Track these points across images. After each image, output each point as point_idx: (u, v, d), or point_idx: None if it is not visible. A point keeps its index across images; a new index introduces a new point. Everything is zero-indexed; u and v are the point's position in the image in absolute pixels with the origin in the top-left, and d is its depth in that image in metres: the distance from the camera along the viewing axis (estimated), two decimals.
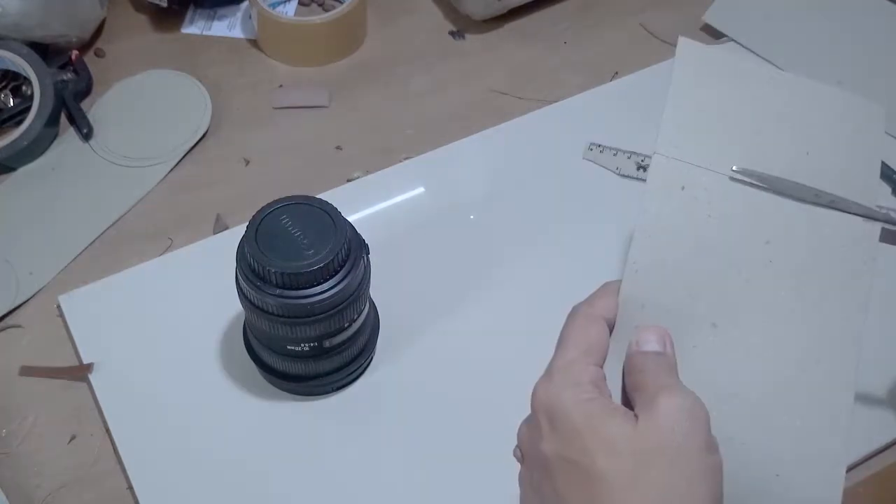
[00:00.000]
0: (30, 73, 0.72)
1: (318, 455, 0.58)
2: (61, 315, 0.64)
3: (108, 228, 0.69)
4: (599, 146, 0.73)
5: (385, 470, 0.58)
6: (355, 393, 0.61)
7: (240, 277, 0.53)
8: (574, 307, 0.47)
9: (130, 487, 0.57)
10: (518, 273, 0.66)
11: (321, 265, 0.51)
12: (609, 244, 0.67)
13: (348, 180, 0.72)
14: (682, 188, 0.48)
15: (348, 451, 0.59)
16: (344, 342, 0.57)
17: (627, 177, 0.72)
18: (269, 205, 0.54)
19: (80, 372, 0.61)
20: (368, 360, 0.61)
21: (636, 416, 0.42)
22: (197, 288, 0.65)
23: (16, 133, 0.71)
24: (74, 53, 0.77)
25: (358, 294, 0.54)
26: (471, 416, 0.60)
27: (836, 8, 0.83)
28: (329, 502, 0.57)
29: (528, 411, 0.55)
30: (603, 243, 0.67)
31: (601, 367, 0.45)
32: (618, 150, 0.73)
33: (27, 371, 0.61)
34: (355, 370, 0.60)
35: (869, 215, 0.48)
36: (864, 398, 0.61)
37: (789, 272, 0.47)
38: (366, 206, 0.69)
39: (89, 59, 0.79)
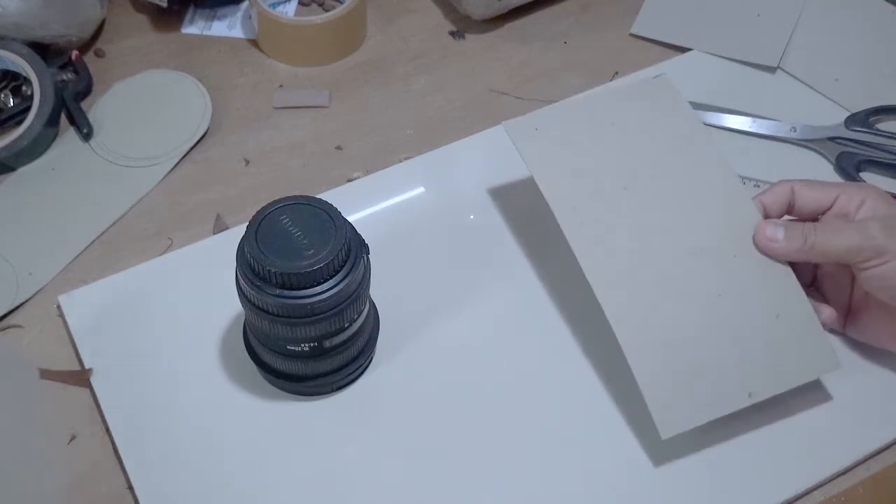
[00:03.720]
0: (30, 73, 0.72)
1: (319, 455, 0.58)
2: (61, 315, 0.64)
3: (108, 228, 0.69)
4: None
5: (385, 470, 0.58)
6: (355, 393, 0.61)
7: (240, 277, 0.53)
8: None
9: (130, 487, 0.57)
10: (518, 273, 0.66)
11: (321, 265, 0.51)
12: None
13: (348, 180, 0.72)
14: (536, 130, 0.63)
15: (348, 451, 0.59)
16: (344, 342, 0.57)
17: None
18: (269, 205, 0.54)
19: (80, 377, 0.61)
20: (368, 360, 0.61)
21: None
22: (197, 288, 0.65)
23: (16, 133, 0.71)
24: (74, 53, 0.77)
25: (358, 294, 0.54)
26: (471, 416, 0.60)
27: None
28: (329, 502, 0.57)
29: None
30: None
31: None
32: None
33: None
34: (355, 370, 0.60)
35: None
36: (863, 398, 0.61)
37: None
38: (366, 206, 0.69)
39: (89, 59, 0.79)
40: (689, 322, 0.57)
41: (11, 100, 0.75)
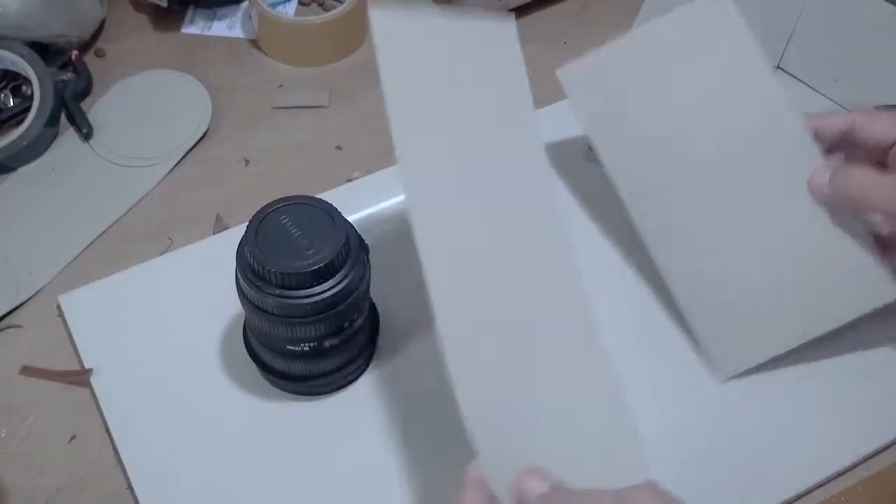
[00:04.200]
0: (30, 73, 0.72)
1: (319, 455, 0.58)
2: (61, 315, 0.64)
3: (108, 228, 0.69)
4: None
5: (385, 470, 0.58)
6: (355, 393, 0.61)
7: (240, 277, 0.53)
8: None
9: (130, 487, 0.57)
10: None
11: (321, 265, 0.51)
12: (609, 243, 0.67)
13: (348, 180, 0.72)
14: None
15: (348, 451, 0.59)
16: (344, 342, 0.57)
17: None
18: (269, 205, 0.54)
19: (79, 376, 0.61)
20: (368, 360, 0.61)
21: None
22: (197, 288, 0.65)
23: (16, 133, 0.71)
24: (74, 53, 0.77)
25: (358, 294, 0.54)
26: None
27: None
28: (329, 502, 0.57)
29: None
30: (603, 243, 0.67)
31: None
32: None
33: (27, 372, 0.61)
34: (355, 370, 0.60)
35: None
36: (863, 398, 0.61)
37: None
38: (366, 206, 0.69)
39: (89, 59, 0.79)
40: (743, 261, 0.58)
41: (11, 100, 0.75)
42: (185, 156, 0.73)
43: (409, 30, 0.55)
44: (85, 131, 0.73)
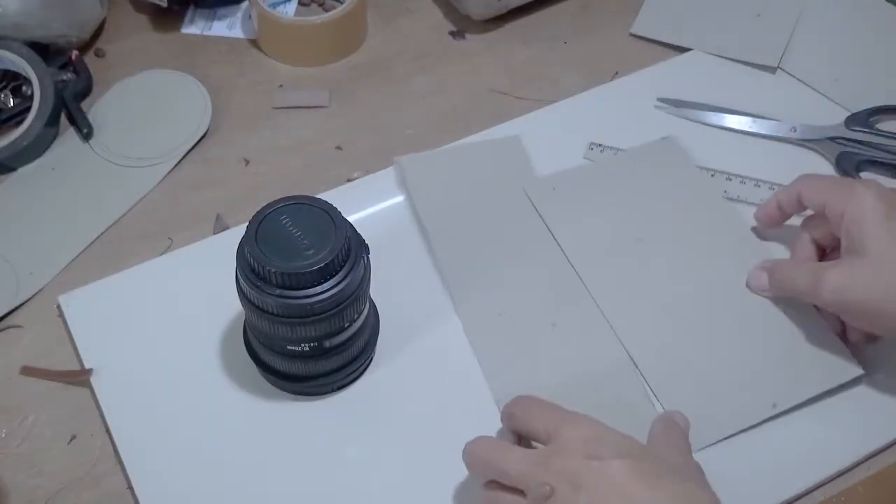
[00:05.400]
0: (30, 73, 0.72)
1: (318, 455, 0.58)
2: (61, 315, 0.64)
3: (108, 228, 0.69)
4: (600, 146, 0.73)
5: (385, 470, 0.58)
6: (355, 393, 0.61)
7: (240, 277, 0.53)
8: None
9: (130, 487, 0.57)
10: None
11: (321, 265, 0.51)
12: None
13: (348, 180, 0.72)
14: None
15: (348, 451, 0.59)
16: (344, 342, 0.57)
17: None
18: (269, 205, 0.54)
19: (80, 376, 0.61)
20: (368, 360, 0.61)
21: None
22: (197, 288, 0.65)
23: (16, 133, 0.71)
24: (74, 53, 0.77)
25: (358, 294, 0.54)
26: (471, 416, 0.60)
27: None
28: (329, 502, 0.57)
29: None
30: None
31: None
32: (617, 149, 0.73)
33: (27, 371, 0.61)
34: (355, 370, 0.60)
35: None
36: (863, 398, 0.61)
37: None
38: (366, 206, 0.69)
39: (89, 59, 0.79)
40: (710, 349, 0.62)
41: (11, 100, 0.75)
42: (185, 156, 0.73)
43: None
44: (85, 131, 0.73)
